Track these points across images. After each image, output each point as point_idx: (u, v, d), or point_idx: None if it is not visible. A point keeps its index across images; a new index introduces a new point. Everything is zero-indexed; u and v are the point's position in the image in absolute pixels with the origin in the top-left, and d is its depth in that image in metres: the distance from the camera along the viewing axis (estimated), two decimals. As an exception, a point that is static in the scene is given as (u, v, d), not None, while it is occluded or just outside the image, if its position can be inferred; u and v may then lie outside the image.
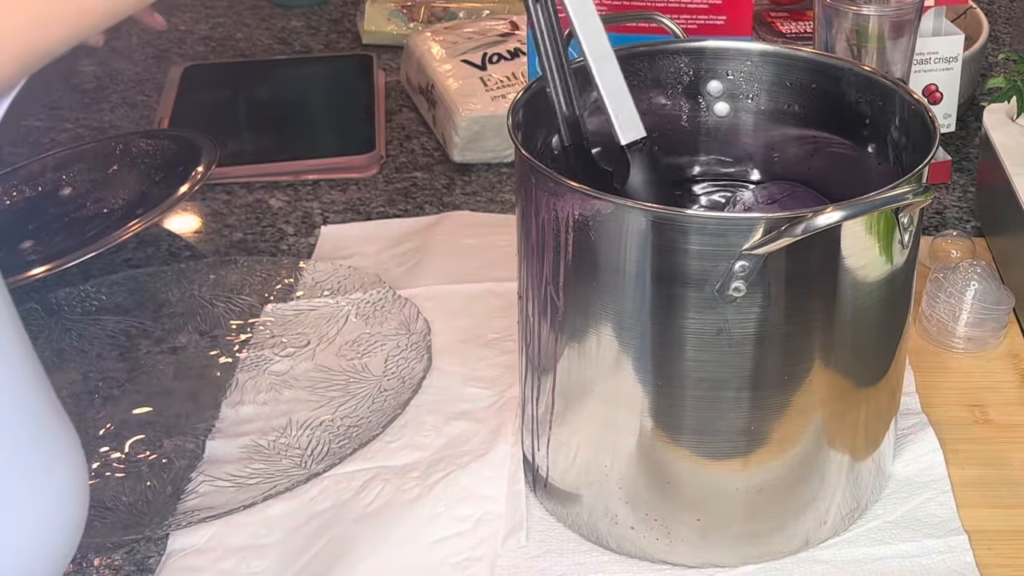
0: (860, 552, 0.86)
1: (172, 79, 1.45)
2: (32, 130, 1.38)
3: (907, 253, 0.83)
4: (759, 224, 0.74)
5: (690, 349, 0.79)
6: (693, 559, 0.86)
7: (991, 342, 1.05)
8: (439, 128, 1.34)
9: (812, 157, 0.95)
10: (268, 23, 1.61)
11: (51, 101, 1.43)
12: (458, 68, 1.36)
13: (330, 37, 1.58)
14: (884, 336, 0.86)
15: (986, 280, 1.04)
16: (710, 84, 0.95)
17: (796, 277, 0.78)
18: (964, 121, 1.35)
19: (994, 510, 0.90)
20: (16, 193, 1.25)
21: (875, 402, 0.87)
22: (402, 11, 1.56)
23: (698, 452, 0.83)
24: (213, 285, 1.13)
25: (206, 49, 1.56)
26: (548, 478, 0.89)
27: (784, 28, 1.44)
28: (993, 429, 0.97)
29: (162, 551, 0.88)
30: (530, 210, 0.82)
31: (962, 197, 1.25)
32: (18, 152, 1.34)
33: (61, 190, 1.25)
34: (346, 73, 1.49)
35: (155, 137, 1.30)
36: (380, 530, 0.87)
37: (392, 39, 1.54)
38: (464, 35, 1.43)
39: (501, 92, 1.32)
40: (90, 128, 1.39)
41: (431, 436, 0.95)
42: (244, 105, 1.46)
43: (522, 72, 1.35)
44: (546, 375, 0.86)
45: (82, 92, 1.45)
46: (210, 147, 1.24)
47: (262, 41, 1.57)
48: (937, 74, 1.25)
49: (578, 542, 0.88)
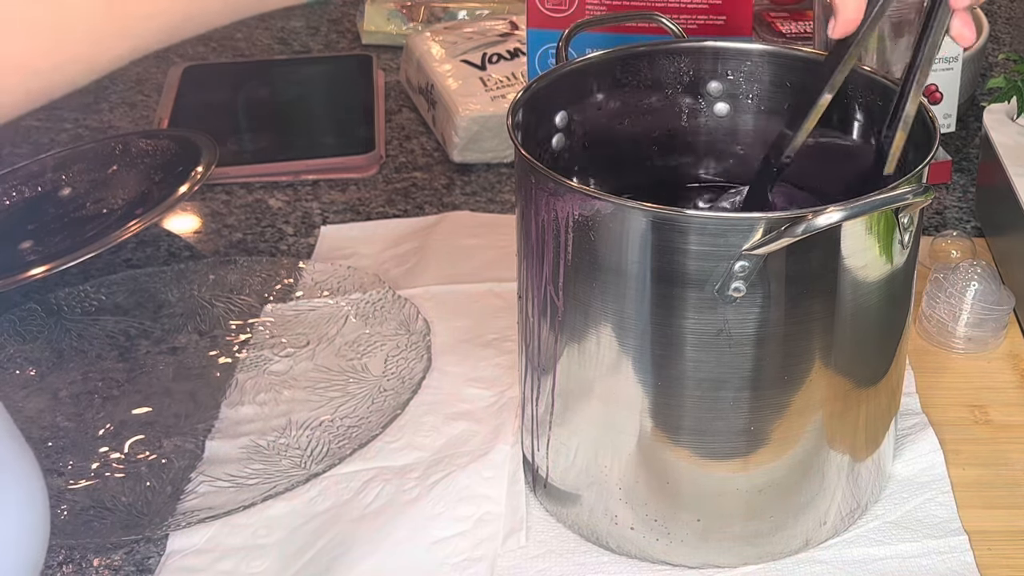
0: (860, 552, 0.86)
1: (171, 79, 1.45)
2: (31, 130, 1.38)
3: (907, 253, 0.83)
4: (759, 224, 0.74)
5: (690, 349, 0.79)
6: (693, 559, 0.86)
7: (991, 342, 1.04)
8: (439, 128, 1.34)
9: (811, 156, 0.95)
10: (267, 23, 1.61)
11: (50, 101, 1.43)
12: (458, 68, 1.36)
13: (330, 37, 1.58)
14: (884, 336, 0.86)
15: (986, 280, 1.04)
16: (710, 84, 0.95)
17: (796, 277, 0.78)
18: (964, 121, 1.35)
19: (994, 510, 0.90)
20: (15, 193, 1.25)
21: (875, 402, 0.87)
22: (402, 11, 1.56)
23: (698, 452, 0.83)
24: (213, 285, 1.13)
25: (205, 49, 1.55)
26: (548, 478, 0.89)
27: (784, 28, 1.44)
28: (993, 429, 0.97)
29: (161, 551, 0.88)
30: (530, 210, 0.82)
31: (962, 197, 1.25)
32: (18, 152, 1.34)
33: (60, 190, 1.25)
34: (346, 73, 1.49)
35: (155, 137, 1.30)
36: (380, 530, 0.87)
37: (392, 39, 1.54)
38: (464, 35, 1.43)
39: (501, 92, 1.32)
40: (89, 128, 1.39)
41: (431, 436, 0.95)
42: (243, 105, 1.46)
43: (522, 72, 1.35)
44: (546, 375, 0.86)
45: (81, 92, 1.45)
46: (210, 147, 1.24)
47: (261, 41, 1.57)
48: (937, 74, 1.25)
49: (578, 543, 0.87)
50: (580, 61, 0.92)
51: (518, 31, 1.42)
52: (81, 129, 1.38)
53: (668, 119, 0.96)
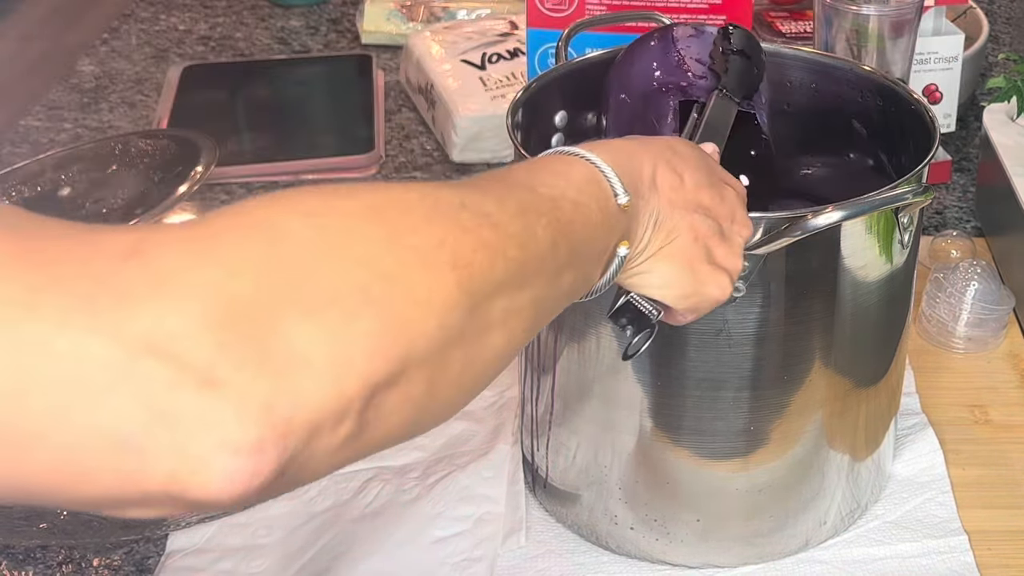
0: (860, 552, 0.86)
1: (171, 79, 1.45)
2: (31, 130, 1.38)
3: (907, 253, 0.83)
4: (759, 224, 0.74)
5: (690, 349, 0.79)
6: (693, 559, 0.85)
7: (991, 342, 1.04)
8: (438, 128, 1.34)
9: (811, 156, 0.95)
10: (267, 23, 1.61)
11: (50, 101, 1.43)
12: (457, 68, 1.36)
13: (329, 37, 1.58)
14: (884, 336, 0.86)
15: (986, 280, 1.04)
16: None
17: (796, 277, 0.78)
18: (964, 121, 1.35)
19: (994, 510, 0.90)
20: (15, 193, 1.25)
21: (875, 402, 0.87)
22: (401, 11, 1.56)
23: (698, 452, 0.83)
24: (212, 285, 1.12)
25: (205, 49, 1.55)
26: (548, 478, 0.89)
27: (784, 28, 1.44)
28: (993, 429, 0.97)
29: (161, 551, 0.88)
30: (530, 210, 0.82)
31: (962, 197, 1.25)
32: (17, 152, 1.34)
33: (60, 190, 1.25)
34: (345, 73, 1.49)
35: (154, 137, 1.30)
36: (380, 530, 0.87)
37: (391, 39, 1.54)
38: (463, 35, 1.42)
39: (500, 92, 1.32)
40: (89, 128, 1.38)
41: (431, 436, 0.95)
42: (243, 105, 1.46)
43: (521, 72, 1.34)
44: (546, 375, 0.85)
45: (81, 92, 1.45)
46: (209, 147, 1.24)
47: (261, 41, 1.57)
48: (937, 74, 1.25)
49: (577, 542, 0.87)
50: (580, 61, 0.92)
51: (518, 31, 1.42)
52: (81, 129, 1.38)
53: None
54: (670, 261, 0.67)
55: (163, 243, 0.44)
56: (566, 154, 0.63)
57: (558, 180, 0.60)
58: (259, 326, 0.43)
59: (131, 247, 0.43)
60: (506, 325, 0.53)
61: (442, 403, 0.52)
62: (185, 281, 0.43)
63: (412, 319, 0.47)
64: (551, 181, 0.59)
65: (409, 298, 0.47)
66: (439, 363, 0.49)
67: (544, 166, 0.61)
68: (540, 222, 0.56)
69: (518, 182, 0.58)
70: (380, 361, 0.46)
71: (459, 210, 0.52)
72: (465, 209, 0.52)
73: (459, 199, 0.52)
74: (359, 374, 0.45)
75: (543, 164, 0.62)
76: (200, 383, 0.42)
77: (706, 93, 0.86)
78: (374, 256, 0.47)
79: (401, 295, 0.47)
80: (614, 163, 0.63)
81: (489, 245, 0.52)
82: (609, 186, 0.61)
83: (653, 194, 0.65)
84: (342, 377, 0.45)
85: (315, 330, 0.44)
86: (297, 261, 0.45)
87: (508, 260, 0.53)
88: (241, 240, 0.45)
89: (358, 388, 0.45)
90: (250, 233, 0.45)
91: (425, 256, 0.49)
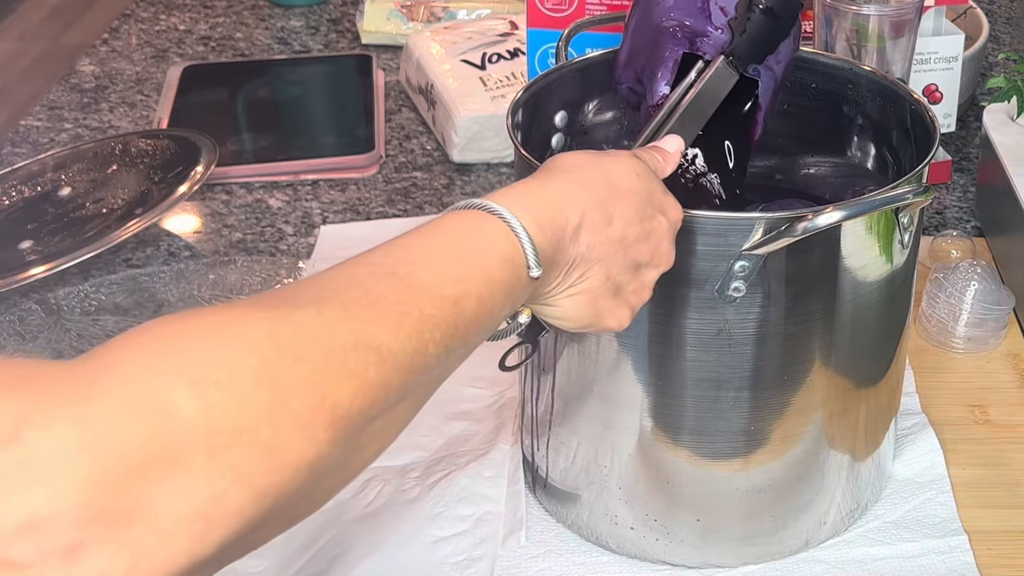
0: (860, 552, 0.86)
1: (171, 79, 1.45)
2: (31, 130, 1.38)
3: (907, 253, 0.83)
4: (759, 224, 0.74)
5: (690, 349, 0.79)
6: (693, 559, 0.85)
7: (991, 342, 1.04)
8: (438, 128, 1.34)
9: (811, 156, 0.95)
10: (267, 23, 1.61)
11: (50, 101, 1.43)
12: (457, 68, 1.36)
13: (329, 37, 1.58)
14: (884, 336, 0.86)
15: (986, 280, 1.04)
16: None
17: (796, 277, 0.78)
18: (964, 121, 1.35)
19: (994, 510, 0.90)
20: (15, 193, 1.25)
21: (875, 402, 0.87)
22: (401, 11, 1.56)
23: (698, 452, 0.83)
24: (212, 285, 1.12)
25: (205, 49, 1.55)
26: (548, 478, 0.89)
27: (784, 28, 1.44)
28: (993, 429, 0.97)
29: (161, 551, 0.87)
30: (530, 210, 0.82)
31: (962, 197, 1.25)
32: (17, 152, 1.34)
33: (60, 190, 1.25)
34: (345, 73, 1.49)
35: (154, 137, 1.30)
36: (380, 530, 0.87)
37: (391, 39, 1.54)
38: (463, 35, 1.42)
39: (500, 92, 1.32)
40: (89, 128, 1.39)
41: (431, 436, 0.95)
42: (243, 105, 1.46)
43: (522, 72, 1.34)
44: (546, 375, 0.85)
45: (81, 92, 1.45)
46: (209, 147, 1.24)
47: (261, 41, 1.57)
48: (937, 74, 1.25)
49: (578, 542, 0.87)
50: (580, 61, 0.92)
51: (518, 31, 1.42)
52: (81, 129, 1.38)
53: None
54: (575, 299, 0.67)
55: (44, 426, 0.44)
56: (494, 214, 0.61)
57: (471, 272, 0.59)
58: (124, 498, 0.44)
59: (11, 432, 0.43)
60: (381, 436, 0.54)
61: (305, 516, 0.53)
62: (60, 473, 0.43)
63: (279, 481, 0.48)
64: (461, 274, 0.58)
65: (280, 464, 0.48)
66: (304, 496, 0.50)
67: (462, 247, 0.60)
68: (434, 337, 0.55)
69: (422, 285, 0.56)
70: (238, 521, 0.47)
71: (349, 353, 0.51)
72: (356, 351, 0.52)
73: (353, 338, 0.52)
74: (216, 537, 0.46)
75: (462, 243, 0.60)
76: (64, 561, 0.43)
77: (715, 51, 0.83)
78: (252, 428, 0.47)
79: (271, 463, 0.48)
80: (539, 224, 0.62)
81: (373, 386, 0.52)
82: (524, 260, 0.61)
83: (574, 244, 0.65)
84: (197, 539, 0.46)
85: (177, 501, 0.45)
86: (177, 440, 0.46)
87: (390, 389, 0.53)
88: (127, 420, 0.45)
89: (215, 549, 0.46)
90: (136, 411, 0.45)
91: (303, 420, 0.49)
